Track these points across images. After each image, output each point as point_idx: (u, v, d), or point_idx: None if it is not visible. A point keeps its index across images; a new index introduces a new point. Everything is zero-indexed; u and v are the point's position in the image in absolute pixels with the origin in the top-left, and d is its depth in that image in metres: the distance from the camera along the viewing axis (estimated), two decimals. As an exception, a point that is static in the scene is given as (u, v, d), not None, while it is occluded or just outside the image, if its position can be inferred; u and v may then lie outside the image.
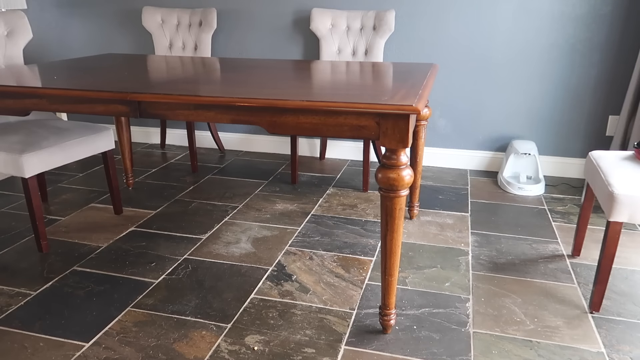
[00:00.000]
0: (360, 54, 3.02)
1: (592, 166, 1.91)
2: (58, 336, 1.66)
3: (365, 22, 2.98)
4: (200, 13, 3.24)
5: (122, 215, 2.56)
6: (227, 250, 2.21)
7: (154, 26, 3.32)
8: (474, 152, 3.23)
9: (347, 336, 1.66)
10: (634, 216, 1.65)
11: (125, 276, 2.01)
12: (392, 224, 1.51)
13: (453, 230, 2.40)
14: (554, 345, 1.62)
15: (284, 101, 1.44)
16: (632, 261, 2.13)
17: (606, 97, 2.93)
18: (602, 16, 2.79)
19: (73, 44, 3.74)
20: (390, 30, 2.92)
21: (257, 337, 1.65)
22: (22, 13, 2.60)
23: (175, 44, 3.32)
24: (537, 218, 2.54)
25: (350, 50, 3.04)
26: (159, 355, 1.57)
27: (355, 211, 2.62)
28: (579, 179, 3.08)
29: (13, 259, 2.14)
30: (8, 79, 1.87)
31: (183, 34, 3.30)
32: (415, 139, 2.30)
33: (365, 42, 2.99)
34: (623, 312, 1.79)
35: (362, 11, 3.00)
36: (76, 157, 2.25)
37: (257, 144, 3.64)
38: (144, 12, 3.31)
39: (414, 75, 1.92)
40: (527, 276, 2.02)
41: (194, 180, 3.06)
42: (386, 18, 2.92)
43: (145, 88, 1.65)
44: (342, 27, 3.03)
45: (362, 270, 2.05)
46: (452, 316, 1.77)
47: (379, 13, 2.95)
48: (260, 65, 2.25)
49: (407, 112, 1.36)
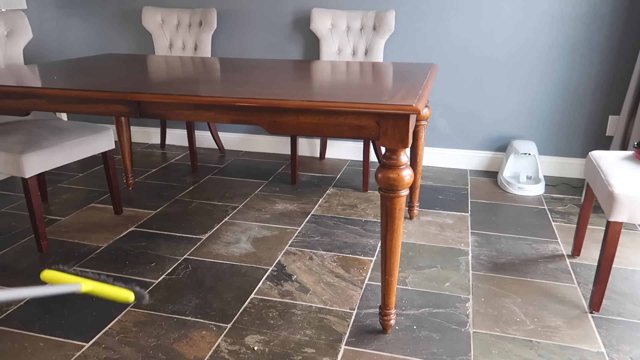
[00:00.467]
0: (360, 54, 3.02)
1: (592, 166, 1.91)
2: (58, 336, 1.66)
3: (365, 22, 2.98)
4: (200, 13, 3.24)
5: (122, 215, 2.56)
6: (227, 250, 2.21)
7: (154, 26, 3.32)
8: (474, 152, 3.23)
9: (347, 336, 1.66)
10: (634, 216, 1.65)
11: (125, 276, 2.01)
12: (392, 224, 1.51)
13: (453, 230, 2.40)
14: (554, 345, 1.62)
15: (284, 101, 1.44)
16: (632, 261, 2.13)
17: (606, 97, 2.93)
18: (602, 16, 2.79)
19: (73, 44, 3.74)
20: (390, 30, 2.92)
21: (257, 337, 1.65)
22: (22, 13, 2.60)
23: (175, 44, 3.32)
24: (537, 218, 2.54)
25: (350, 50, 3.04)
26: (159, 355, 1.57)
27: (355, 211, 2.62)
28: (579, 179, 3.08)
29: (13, 259, 2.14)
30: (8, 79, 1.87)
31: (183, 34, 3.30)
32: (415, 139, 2.30)
33: (365, 42, 2.99)
34: (623, 312, 1.79)
35: (362, 11, 3.00)
36: (76, 157, 2.25)
37: (257, 144, 3.64)
38: (143, 12, 3.31)
39: (414, 75, 1.92)
40: (527, 276, 2.02)
41: (194, 180, 3.06)
42: (386, 18, 2.92)
43: (145, 88, 1.65)
44: (342, 27, 3.02)
45: (362, 270, 2.05)
46: (452, 316, 1.77)
47: (379, 13, 2.95)
48: (260, 65, 2.25)
49: (407, 112, 1.36)
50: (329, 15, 3.03)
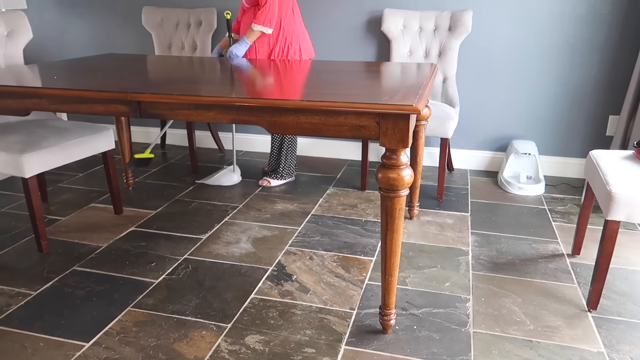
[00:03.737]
0: (434, 55, 2.95)
1: (591, 165, 1.91)
2: (58, 336, 1.66)
3: (439, 23, 2.90)
4: (200, 13, 3.24)
5: (122, 215, 2.56)
6: (227, 250, 2.21)
7: (154, 26, 3.32)
8: (474, 152, 3.23)
9: (347, 336, 1.66)
10: (632, 215, 1.65)
11: (126, 276, 2.01)
12: (392, 224, 1.51)
13: (453, 230, 2.40)
14: (554, 345, 1.62)
15: (284, 101, 1.44)
16: (632, 261, 2.13)
17: (606, 97, 2.93)
18: (602, 16, 2.79)
19: (73, 44, 3.74)
20: (467, 31, 2.84)
21: (257, 337, 1.65)
22: (22, 13, 2.60)
23: (175, 43, 3.32)
24: (537, 218, 2.54)
25: (422, 52, 2.96)
26: (159, 355, 1.57)
27: (355, 211, 2.62)
28: (579, 179, 3.08)
29: (13, 259, 2.14)
30: (8, 79, 1.87)
31: (183, 34, 3.30)
32: (415, 139, 2.30)
33: (439, 44, 2.91)
34: (623, 312, 1.79)
35: (437, 11, 2.92)
36: (76, 157, 2.25)
37: (257, 144, 3.64)
38: (143, 12, 3.31)
39: (414, 75, 1.92)
40: (527, 276, 2.02)
41: (194, 180, 3.06)
42: (463, 18, 2.83)
43: (145, 88, 1.65)
44: (415, 28, 2.95)
45: (362, 270, 2.05)
46: (452, 316, 1.77)
47: (455, 13, 2.87)
48: (260, 65, 2.24)
49: (407, 112, 1.36)
50: (402, 16, 2.96)
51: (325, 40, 3.25)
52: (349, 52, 3.25)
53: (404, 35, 2.95)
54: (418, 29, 2.96)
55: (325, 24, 3.22)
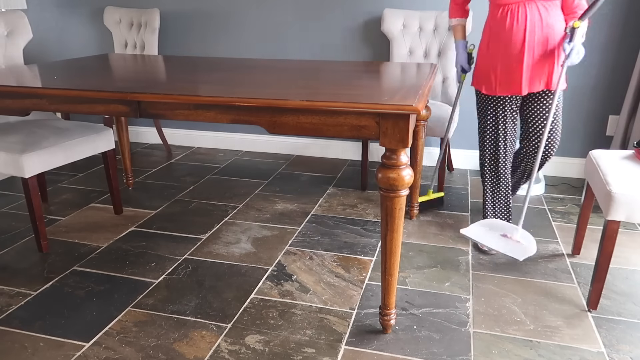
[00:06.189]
0: (433, 55, 2.94)
1: (591, 165, 1.91)
2: (58, 336, 1.66)
3: (439, 23, 2.89)
4: (146, 13, 3.24)
5: (122, 215, 2.56)
6: (227, 250, 2.21)
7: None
8: (474, 152, 3.23)
9: (347, 336, 1.66)
10: (631, 215, 1.65)
11: (126, 276, 2.01)
12: (392, 224, 1.51)
13: (453, 230, 2.40)
14: (554, 345, 1.62)
15: (284, 101, 1.44)
16: (632, 261, 2.13)
17: (606, 97, 2.93)
18: (602, 16, 2.79)
19: (73, 44, 3.74)
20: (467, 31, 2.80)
21: (257, 337, 1.65)
22: (22, 13, 2.60)
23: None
24: (537, 218, 2.54)
25: (422, 51, 2.96)
26: (159, 355, 1.57)
27: (355, 211, 2.62)
28: (579, 179, 3.08)
29: (13, 259, 2.14)
30: (8, 79, 1.87)
31: (135, 34, 3.30)
32: (415, 139, 2.30)
33: (438, 44, 2.91)
34: (623, 312, 1.79)
35: (436, 11, 2.92)
36: (76, 157, 2.25)
37: (257, 144, 3.64)
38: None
39: (414, 75, 1.92)
40: (527, 276, 2.02)
41: (194, 180, 3.06)
42: None
43: (145, 88, 1.65)
44: (414, 28, 2.94)
45: (362, 270, 2.05)
46: (452, 316, 1.77)
47: None
48: (260, 65, 2.24)
49: (407, 112, 1.36)
50: (401, 16, 2.96)
51: (325, 40, 3.25)
52: (348, 52, 3.25)
53: (403, 35, 2.95)
54: (418, 29, 2.96)
55: (325, 24, 3.22)
